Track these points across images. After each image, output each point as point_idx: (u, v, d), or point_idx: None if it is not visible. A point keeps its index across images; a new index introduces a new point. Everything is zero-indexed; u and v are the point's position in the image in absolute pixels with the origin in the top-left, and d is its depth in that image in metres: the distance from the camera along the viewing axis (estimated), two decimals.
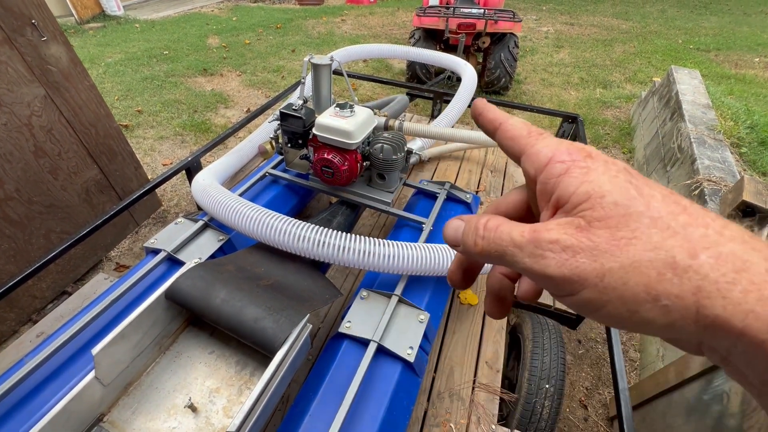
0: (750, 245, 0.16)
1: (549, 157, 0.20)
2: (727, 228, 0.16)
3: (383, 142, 1.29)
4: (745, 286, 0.15)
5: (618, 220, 0.17)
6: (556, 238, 0.18)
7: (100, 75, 3.77)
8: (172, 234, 1.22)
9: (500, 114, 0.24)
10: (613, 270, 0.16)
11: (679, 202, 0.17)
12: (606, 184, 0.18)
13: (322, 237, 1.01)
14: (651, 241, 0.16)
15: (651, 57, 4.92)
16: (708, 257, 0.16)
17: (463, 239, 0.22)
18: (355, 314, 1.03)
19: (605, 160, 0.19)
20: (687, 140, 2.02)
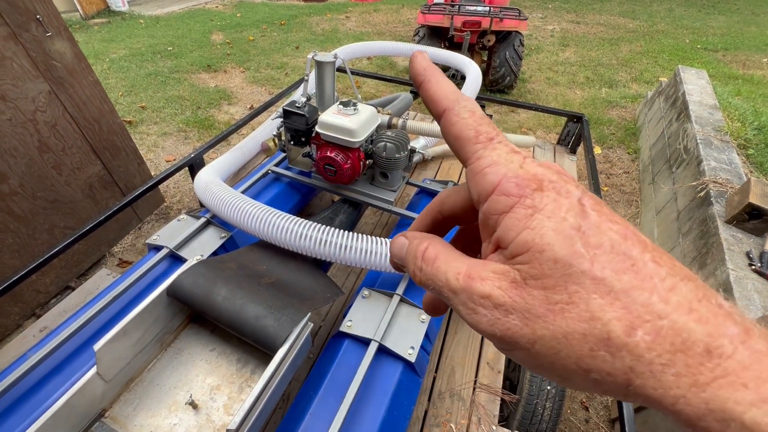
0: (696, 315, 0.14)
1: (494, 185, 0.18)
2: (675, 291, 0.15)
3: (386, 140, 1.28)
4: (678, 370, 0.14)
5: (555, 280, 0.15)
6: (488, 293, 0.17)
7: (104, 71, 3.78)
8: (175, 231, 1.23)
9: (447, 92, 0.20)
10: (544, 338, 0.16)
11: (629, 253, 0.15)
12: (548, 235, 0.16)
13: (323, 235, 1.01)
14: (588, 309, 0.15)
15: (658, 56, 4.88)
16: (645, 334, 0.14)
17: (406, 263, 0.21)
18: (356, 313, 1.03)
19: (557, 193, 0.17)
20: (693, 141, 2.00)
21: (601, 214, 0.16)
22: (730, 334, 0.14)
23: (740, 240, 1.44)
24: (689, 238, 1.65)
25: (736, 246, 1.41)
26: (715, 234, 1.45)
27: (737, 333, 0.14)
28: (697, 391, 0.13)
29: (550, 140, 3.27)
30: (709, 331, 0.14)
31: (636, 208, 2.46)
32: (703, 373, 0.13)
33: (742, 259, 1.35)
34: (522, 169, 0.18)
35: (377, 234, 1.79)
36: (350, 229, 1.44)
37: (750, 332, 0.14)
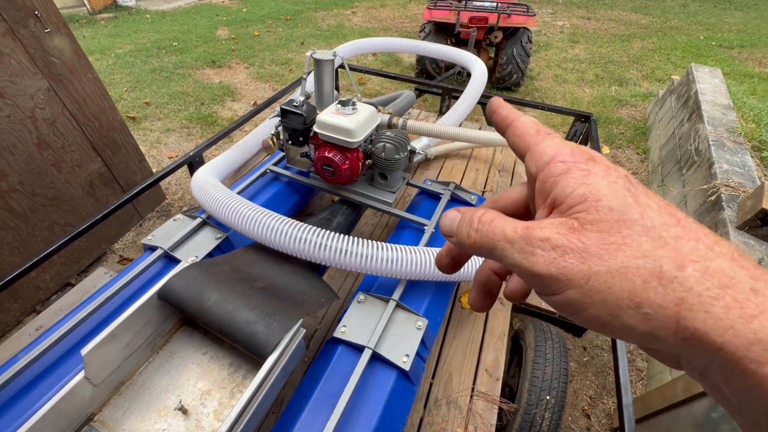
0: (738, 263, 0.16)
1: (552, 156, 0.20)
2: (718, 244, 0.17)
3: (386, 140, 1.25)
4: (727, 302, 0.15)
5: (611, 225, 0.17)
6: (547, 236, 0.18)
7: (109, 66, 3.79)
8: (170, 231, 1.21)
9: (513, 112, 0.25)
10: (599, 273, 0.17)
11: (674, 214, 0.18)
12: (603, 188, 0.18)
13: (318, 239, 0.99)
14: (641, 249, 0.17)
15: (670, 54, 4.75)
16: (694, 270, 0.16)
17: (457, 231, 0.22)
18: (351, 318, 1.01)
19: (607, 165, 0.19)
20: (705, 142, 1.94)
21: (646, 188, 0.19)
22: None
23: (752, 247, 1.39)
24: None
25: (748, 253, 1.35)
26: (726, 240, 1.40)
27: None
28: (745, 321, 0.14)
29: None
30: (752, 275, 0.15)
31: None
32: (750, 306, 0.15)
33: None
34: (577, 147, 0.20)
35: (377, 235, 1.76)
36: (348, 230, 1.41)
37: None
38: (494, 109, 0.25)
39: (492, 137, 1.56)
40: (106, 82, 3.47)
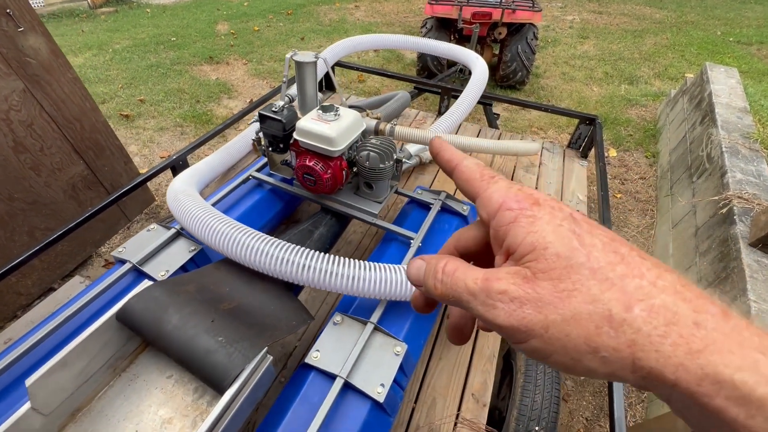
0: (681, 296, 0.17)
1: (499, 203, 0.21)
2: (661, 278, 0.18)
3: (370, 149, 1.17)
4: (674, 340, 0.16)
5: (560, 272, 0.18)
6: (504, 289, 0.19)
7: (106, 62, 3.74)
8: (143, 242, 1.16)
9: (455, 155, 0.26)
10: (556, 322, 0.18)
11: (618, 250, 0.19)
12: (549, 235, 0.19)
13: (290, 255, 0.92)
14: (590, 293, 0.18)
15: (685, 50, 4.56)
16: (641, 310, 0.17)
17: (424, 281, 0.23)
18: (325, 342, 0.94)
19: (551, 206, 0.20)
20: (718, 149, 1.82)
21: (591, 224, 0.20)
22: (712, 311, 0.16)
23: (766, 267, 1.29)
24: (707, 258, 1.49)
25: (760, 273, 1.25)
26: (737, 258, 1.30)
27: (718, 311, 0.17)
28: (692, 357, 0.16)
29: (561, 141, 3.09)
30: (694, 308, 0.17)
31: (651, 219, 2.29)
32: (695, 342, 0.16)
33: (767, 289, 1.20)
34: (521, 191, 0.22)
35: (365, 244, 1.69)
36: (332, 242, 1.34)
37: (728, 311, 0.17)
38: (437, 151, 0.26)
39: (485, 145, 1.46)
40: (102, 79, 3.43)
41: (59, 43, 3.80)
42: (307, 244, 1.23)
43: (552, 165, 2.15)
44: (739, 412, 0.15)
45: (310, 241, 1.24)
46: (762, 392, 0.15)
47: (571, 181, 2.06)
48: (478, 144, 1.43)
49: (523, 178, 2.04)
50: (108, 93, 3.22)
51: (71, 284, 1.40)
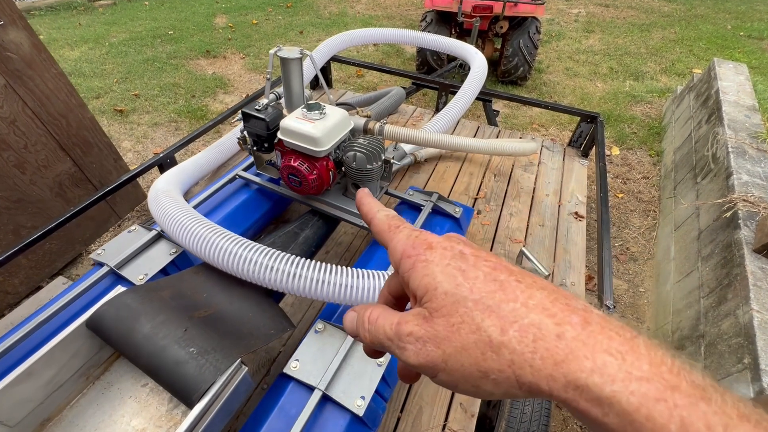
0: (547, 312, 0.19)
1: (401, 252, 0.24)
2: (532, 298, 0.20)
3: (357, 149, 1.13)
4: (542, 354, 0.18)
5: (449, 308, 0.20)
6: (410, 331, 0.21)
7: (102, 56, 3.70)
8: (122, 244, 1.12)
9: (371, 208, 0.29)
10: (452, 355, 0.20)
11: (497, 278, 0.21)
12: (439, 275, 0.21)
13: (268, 260, 0.89)
14: (474, 323, 0.20)
15: (693, 45, 4.43)
16: (514, 331, 0.19)
17: (357, 331, 0.25)
18: (305, 352, 0.91)
19: (443, 248, 0.23)
20: (723, 149, 1.75)
21: (477, 257, 0.22)
22: (573, 322, 0.18)
23: None
24: (710, 264, 1.44)
25: (765, 281, 1.20)
26: (741, 264, 1.25)
27: (578, 321, 0.18)
28: (557, 368, 0.17)
29: (563, 139, 3.02)
30: (557, 321, 0.19)
31: (653, 220, 2.23)
32: (558, 353, 0.18)
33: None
34: (417, 238, 0.24)
35: (356, 245, 1.65)
36: (318, 245, 1.30)
37: (588, 319, 0.18)
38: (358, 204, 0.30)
39: (479, 146, 1.41)
40: (97, 73, 3.39)
41: (56, 36, 3.77)
42: (292, 248, 1.19)
43: (551, 164, 2.09)
44: (597, 412, 0.17)
45: (294, 244, 1.20)
46: (609, 390, 0.16)
47: (570, 180, 2.00)
48: (472, 145, 1.38)
49: (521, 177, 1.98)
50: (103, 87, 3.18)
51: (55, 285, 1.38)
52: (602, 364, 0.17)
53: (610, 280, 1.22)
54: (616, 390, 0.16)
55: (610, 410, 0.16)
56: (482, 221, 1.73)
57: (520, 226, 1.72)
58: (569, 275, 1.52)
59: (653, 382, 0.16)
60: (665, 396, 0.16)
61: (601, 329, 0.18)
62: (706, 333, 1.28)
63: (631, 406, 0.16)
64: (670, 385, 0.16)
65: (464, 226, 1.36)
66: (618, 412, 0.16)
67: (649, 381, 0.16)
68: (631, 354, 0.17)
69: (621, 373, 0.16)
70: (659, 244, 2.02)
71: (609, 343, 0.17)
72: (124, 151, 2.60)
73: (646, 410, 0.16)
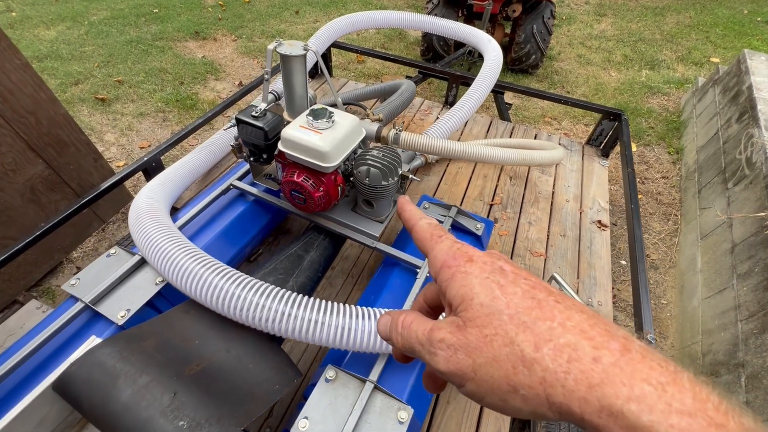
0: (585, 334, 0.19)
1: (441, 262, 0.25)
2: (570, 319, 0.20)
3: (371, 163, 0.97)
4: (576, 375, 0.18)
5: (484, 319, 0.21)
6: (442, 338, 0.22)
7: (81, 36, 3.41)
8: (100, 272, 0.97)
9: (413, 215, 0.30)
10: (482, 365, 0.20)
11: (536, 296, 0.21)
12: (476, 287, 0.22)
13: (267, 301, 0.76)
14: (507, 336, 0.20)
15: (710, 31, 4.23)
16: (549, 350, 0.19)
17: (390, 335, 0.26)
18: (315, 407, 0.78)
19: (483, 262, 0.23)
20: (761, 153, 1.61)
21: (517, 274, 0.23)
22: (612, 348, 0.18)
23: None
24: (748, 284, 1.33)
25: None
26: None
27: (618, 347, 0.18)
28: (592, 391, 0.17)
29: (576, 133, 2.86)
30: (594, 345, 0.18)
31: (674, 225, 2.11)
32: (594, 376, 0.17)
33: None
34: (459, 250, 0.25)
35: (363, 260, 1.51)
36: (325, 267, 1.16)
37: (628, 347, 0.18)
38: (400, 211, 0.31)
39: (501, 156, 1.25)
40: (76, 56, 3.12)
41: (29, 13, 3.45)
42: (296, 274, 1.05)
43: (570, 165, 1.95)
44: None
45: (299, 269, 1.06)
46: (646, 420, 0.16)
47: (591, 184, 1.86)
48: (500, 156, 1.23)
49: (538, 180, 1.84)
50: (82, 72, 2.93)
51: (27, 310, 1.23)
52: (640, 392, 0.17)
53: (649, 310, 1.10)
54: (654, 420, 0.16)
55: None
56: (499, 231, 1.60)
57: (540, 236, 1.59)
58: (595, 293, 1.41)
59: (696, 417, 0.16)
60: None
61: (641, 358, 0.18)
62: (746, 362, 1.18)
63: None
64: (714, 422, 0.15)
65: (485, 243, 1.22)
66: None
67: (692, 416, 0.16)
68: (672, 386, 0.17)
69: (660, 404, 0.16)
70: (683, 253, 1.91)
71: (649, 372, 0.17)
72: (107, 145, 2.40)
73: None
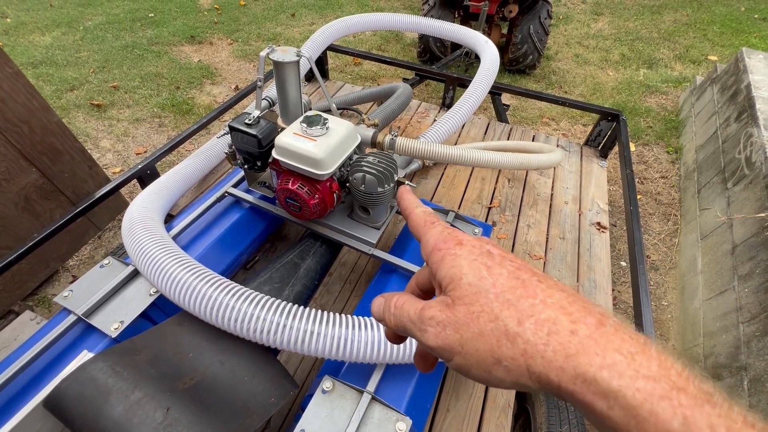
0: (564, 310, 0.20)
1: (432, 245, 0.27)
2: (551, 297, 0.21)
3: (366, 170, 0.96)
4: (554, 347, 0.19)
5: (471, 297, 0.22)
6: (432, 315, 0.24)
7: (76, 42, 3.39)
8: (93, 283, 0.96)
9: (410, 204, 0.32)
10: (469, 339, 0.22)
11: (520, 277, 0.23)
12: (465, 268, 0.23)
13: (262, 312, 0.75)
14: (492, 313, 0.21)
15: (707, 29, 4.22)
16: (530, 324, 0.20)
17: (383, 315, 0.28)
18: (312, 419, 0.77)
19: (472, 245, 0.25)
20: (761, 153, 1.60)
21: (503, 257, 0.24)
22: (588, 322, 0.20)
23: None
24: (750, 285, 1.32)
25: None
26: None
27: (593, 322, 0.20)
28: (568, 360, 0.19)
29: (574, 134, 2.85)
30: (572, 320, 0.20)
31: (674, 225, 2.10)
32: (570, 347, 0.19)
33: None
34: (450, 234, 0.27)
35: (361, 266, 1.50)
36: (322, 275, 1.15)
37: (603, 321, 0.20)
38: (399, 199, 0.34)
39: (506, 161, 1.24)
40: (71, 62, 3.11)
41: (24, 19, 3.44)
42: (293, 282, 1.04)
43: (569, 166, 1.94)
44: (602, 405, 0.18)
45: (295, 278, 1.04)
46: (616, 385, 0.18)
47: (590, 185, 1.85)
48: (498, 161, 1.22)
49: (537, 182, 1.83)
50: (78, 78, 2.92)
51: (21, 321, 1.22)
52: (612, 361, 0.18)
53: (650, 312, 1.09)
54: (622, 385, 0.17)
55: (615, 403, 0.17)
56: (498, 234, 1.59)
57: (539, 239, 1.58)
58: (595, 296, 1.40)
59: (660, 381, 0.17)
60: (671, 395, 0.17)
61: (614, 331, 0.19)
62: (749, 365, 1.17)
63: (636, 401, 0.17)
64: (676, 386, 0.17)
65: None
66: (623, 405, 0.17)
67: (656, 380, 0.17)
68: (641, 355, 0.18)
69: (629, 370, 0.18)
70: (683, 253, 1.90)
71: (621, 344, 0.19)
72: (103, 152, 2.38)
73: (650, 406, 0.17)
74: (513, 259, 0.24)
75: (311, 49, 1.60)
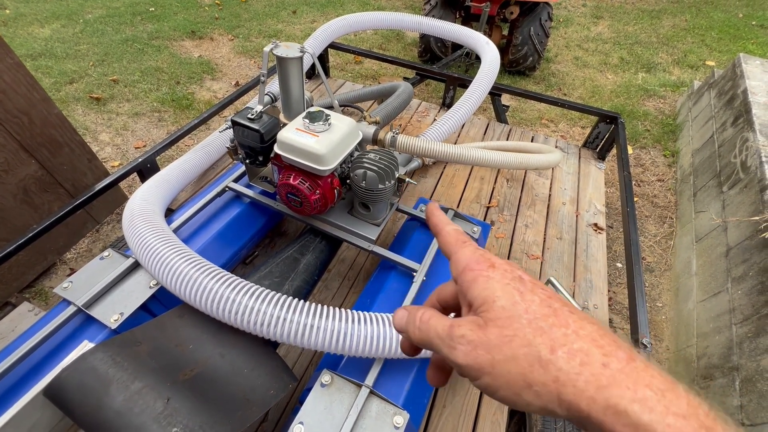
0: (596, 343, 0.21)
1: (464, 265, 0.27)
2: (583, 328, 0.22)
3: (367, 166, 0.97)
4: (587, 377, 0.20)
5: (504, 320, 0.23)
6: (463, 334, 0.24)
7: (76, 35, 3.37)
8: (93, 275, 0.96)
9: (441, 221, 0.33)
10: (501, 362, 0.22)
11: (552, 306, 0.23)
12: (498, 291, 0.24)
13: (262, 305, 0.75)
14: (526, 338, 0.22)
15: (705, 34, 4.26)
16: (563, 353, 0.21)
17: (406, 328, 0.28)
18: (310, 412, 0.78)
19: (504, 269, 0.26)
20: (756, 158, 1.63)
21: (534, 284, 0.25)
22: (620, 356, 0.20)
23: None
24: (743, 287, 1.34)
25: None
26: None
27: (624, 357, 0.20)
28: (600, 392, 0.19)
29: (573, 135, 2.87)
30: (604, 353, 0.21)
31: (670, 227, 2.12)
32: (602, 379, 0.20)
33: None
34: (482, 256, 0.27)
35: (360, 263, 1.51)
36: (321, 270, 1.16)
37: (633, 357, 0.21)
38: (428, 217, 0.35)
39: (506, 160, 1.25)
40: (71, 54, 3.09)
41: (23, 11, 3.42)
42: (292, 277, 1.05)
43: (567, 168, 1.96)
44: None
45: (295, 273, 1.05)
46: (647, 419, 0.18)
47: (587, 187, 1.87)
48: (497, 160, 1.23)
49: (535, 183, 1.85)
50: (77, 71, 2.90)
51: (19, 312, 1.22)
52: (643, 395, 0.19)
53: (645, 313, 1.10)
54: (653, 419, 0.18)
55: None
56: (496, 234, 1.60)
57: (537, 239, 1.60)
58: (591, 297, 1.41)
59: (689, 420, 0.18)
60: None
61: (644, 368, 0.20)
62: (741, 366, 1.19)
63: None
64: (704, 425, 0.18)
65: (482, 246, 1.22)
66: None
67: (686, 418, 0.18)
68: (670, 393, 0.19)
69: (659, 406, 0.18)
70: (678, 256, 1.92)
71: (651, 380, 0.19)
72: (102, 145, 2.37)
73: None
74: (543, 287, 0.25)
75: (313, 46, 1.61)
